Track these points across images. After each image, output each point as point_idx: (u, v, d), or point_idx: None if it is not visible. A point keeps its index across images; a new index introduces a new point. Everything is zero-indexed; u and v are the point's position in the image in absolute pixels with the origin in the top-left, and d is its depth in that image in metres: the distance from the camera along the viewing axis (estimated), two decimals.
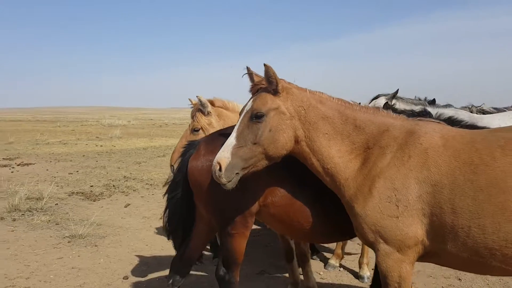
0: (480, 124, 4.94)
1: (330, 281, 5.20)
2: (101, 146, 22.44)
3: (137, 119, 68.96)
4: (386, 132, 2.92)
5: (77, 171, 13.63)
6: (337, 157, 2.96)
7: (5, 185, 10.50)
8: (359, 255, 5.34)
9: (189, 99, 5.31)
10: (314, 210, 3.25)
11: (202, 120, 4.87)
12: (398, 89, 6.34)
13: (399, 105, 6.37)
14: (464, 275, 5.12)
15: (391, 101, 6.33)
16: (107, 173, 13.44)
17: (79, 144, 23.74)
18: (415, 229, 2.72)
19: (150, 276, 5.30)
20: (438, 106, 6.53)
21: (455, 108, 6.59)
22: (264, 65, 2.85)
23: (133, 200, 9.77)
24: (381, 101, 6.37)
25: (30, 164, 15.31)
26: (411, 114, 3.95)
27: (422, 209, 2.70)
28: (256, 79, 3.05)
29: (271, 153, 2.91)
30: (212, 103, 5.06)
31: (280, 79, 2.98)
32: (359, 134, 2.98)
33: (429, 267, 5.29)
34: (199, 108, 4.95)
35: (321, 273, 5.44)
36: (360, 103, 3.22)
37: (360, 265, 5.22)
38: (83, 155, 18.15)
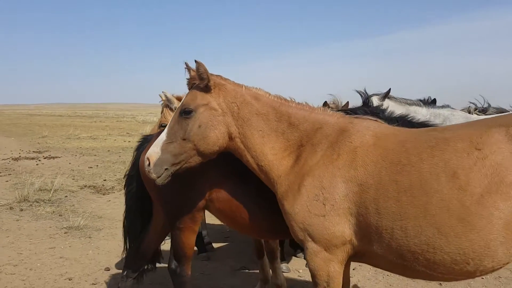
0: (437, 122, 4.82)
1: (307, 279, 5.14)
2: (129, 142, 22.95)
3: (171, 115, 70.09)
4: (320, 129, 2.86)
5: (97, 166, 14.05)
6: (271, 155, 2.93)
7: (25, 176, 10.95)
8: None
9: (159, 95, 5.38)
10: (257, 207, 3.23)
11: (169, 116, 4.92)
12: (390, 89, 6.19)
13: (391, 105, 6.22)
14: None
15: (383, 100, 6.18)
16: (125, 168, 13.73)
17: (108, 139, 24.43)
18: (342, 229, 2.66)
19: None
20: (434, 107, 6.35)
21: (452, 108, 6.37)
22: (195, 61, 2.85)
23: None
24: (374, 100, 6.24)
25: (56, 157, 15.90)
26: (364, 112, 3.82)
27: (349, 208, 2.63)
28: (192, 74, 3.05)
29: (202, 149, 2.90)
30: (179, 99, 5.08)
31: (215, 75, 2.98)
32: (293, 132, 2.93)
33: None
34: (167, 104, 5.01)
35: (301, 271, 5.39)
36: None
37: None
38: (108, 150, 18.67)
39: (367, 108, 4.38)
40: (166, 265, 3.73)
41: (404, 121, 3.59)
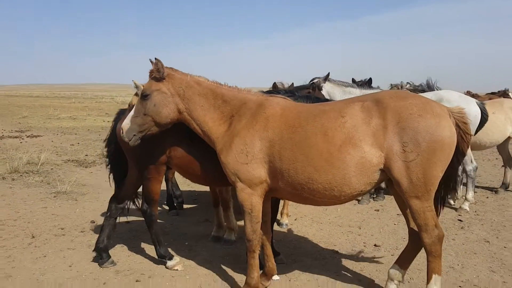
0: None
1: None
2: (108, 121, 23.81)
3: None
4: (244, 104, 4.06)
5: (78, 143, 15.04)
6: (211, 123, 4.12)
7: (12, 152, 11.90)
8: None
9: (133, 81, 6.58)
10: (203, 161, 4.44)
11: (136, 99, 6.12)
12: (329, 72, 7.41)
13: (331, 86, 7.45)
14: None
15: (324, 82, 7.41)
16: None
17: (87, 119, 25.27)
18: (259, 172, 3.87)
19: None
20: (366, 88, 7.60)
21: (381, 89, 7.64)
22: (155, 59, 4.03)
23: None
24: (318, 82, 7.47)
25: (39, 136, 16.78)
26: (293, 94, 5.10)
27: (263, 158, 3.85)
28: (153, 67, 4.19)
29: (158, 121, 4.11)
30: None
31: (168, 68, 4.14)
32: (226, 106, 4.12)
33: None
34: (136, 92, 6.22)
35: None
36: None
37: (281, 214, 6.39)
38: (88, 130, 19.61)
39: (298, 89, 5.62)
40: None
41: (312, 99, 4.83)
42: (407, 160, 3.47)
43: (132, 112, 4.15)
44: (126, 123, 4.12)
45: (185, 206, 7.55)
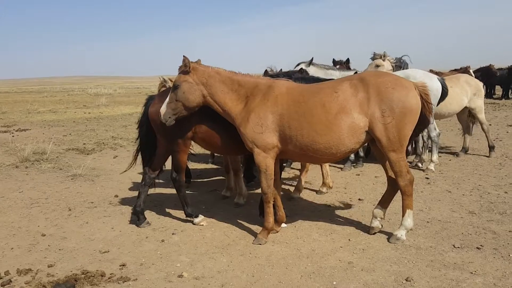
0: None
1: None
2: (89, 113, 24.38)
3: (123, 88, 70.35)
4: (257, 87, 5.13)
5: (70, 134, 15.72)
6: (230, 103, 5.18)
7: (11, 145, 12.58)
8: None
9: (162, 77, 7.83)
10: (223, 135, 5.50)
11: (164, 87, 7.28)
12: (312, 58, 8.54)
13: (314, 69, 8.57)
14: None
15: (308, 66, 8.53)
16: (97, 134, 15.58)
17: (68, 112, 25.64)
18: (272, 139, 4.97)
19: (133, 195, 7.56)
20: (344, 70, 8.77)
21: (358, 71, 8.82)
22: (183, 56, 5.07)
23: (120, 153, 11.97)
24: (302, 66, 8.58)
25: (27, 129, 17.30)
26: (285, 75, 6.21)
27: (274, 128, 4.94)
28: (182, 63, 5.20)
29: (187, 105, 5.17)
30: (171, 79, 7.40)
31: (193, 62, 5.17)
32: (241, 89, 5.18)
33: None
34: (164, 84, 7.41)
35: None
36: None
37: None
38: (74, 121, 20.18)
39: (290, 72, 6.73)
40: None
41: (308, 79, 5.96)
42: (385, 123, 4.64)
43: (167, 100, 5.18)
44: (163, 108, 5.16)
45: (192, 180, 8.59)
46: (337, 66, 9.72)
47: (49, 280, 4.37)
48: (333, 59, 9.34)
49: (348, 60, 9.11)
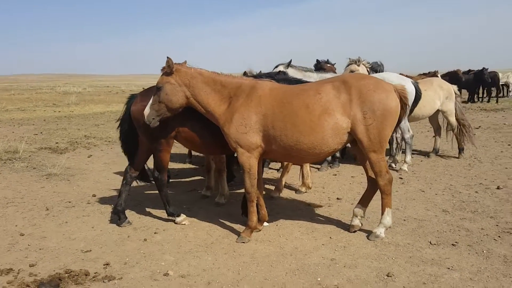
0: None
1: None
2: (59, 111, 23.86)
3: (92, 86, 69.02)
4: (240, 87, 5.19)
5: (41, 133, 15.36)
6: (213, 104, 5.21)
7: None
8: None
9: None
10: (206, 134, 5.54)
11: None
12: (291, 59, 8.66)
13: (293, 71, 8.69)
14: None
15: (287, 68, 8.64)
16: (69, 133, 15.29)
17: (37, 110, 25.00)
18: (256, 139, 5.04)
19: (111, 194, 7.50)
20: (322, 72, 8.94)
21: (335, 73, 9.00)
22: (167, 57, 5.08)
23: (94, 152, 11.81)
24: (280, 68, 8.68)
25: None
26: (267, 76, 6.31)
27: (258, 128, 5.02)
28: (165, 64, 5.20)
29: (170, 106, 5.17)
30: None
31: (176, 64, 5.17)
32: (225, 90, 5.22)
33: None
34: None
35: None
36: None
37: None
38: (44, 120, 19.70)
39: (271, 74, 6.83)
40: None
41: (290, 80, 6.08)
42: (367, 124, 4.79)
43: (150, 101, 5.17)
44: (146, 110, 5.15)
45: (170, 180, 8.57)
46: (326, 66, 9.95)
47: (32, 279, 4.31)
48: (317, 60, 9.54)
49: (328, 60, 9.32)
